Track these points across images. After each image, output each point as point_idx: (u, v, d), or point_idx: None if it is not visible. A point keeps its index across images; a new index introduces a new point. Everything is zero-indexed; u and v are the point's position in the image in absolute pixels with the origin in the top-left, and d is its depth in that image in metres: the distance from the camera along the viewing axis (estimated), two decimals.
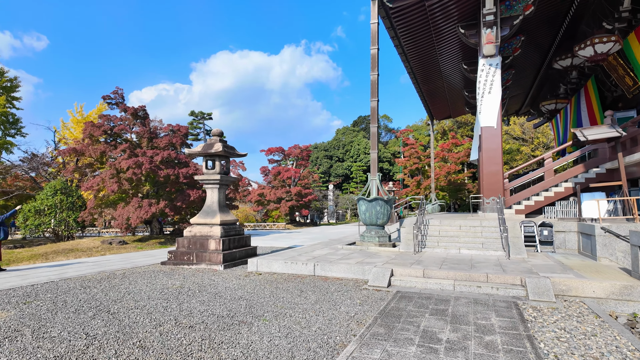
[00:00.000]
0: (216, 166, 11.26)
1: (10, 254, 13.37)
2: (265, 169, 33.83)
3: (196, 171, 18.29)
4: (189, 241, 10.86)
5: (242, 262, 10.84)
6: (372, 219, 12.26)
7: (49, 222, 20.58)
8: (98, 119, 18.79)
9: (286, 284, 8.04)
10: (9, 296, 7.03)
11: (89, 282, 8.41)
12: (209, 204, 11.32)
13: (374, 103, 12.97)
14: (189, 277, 8.96)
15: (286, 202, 29.94)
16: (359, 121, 72.91)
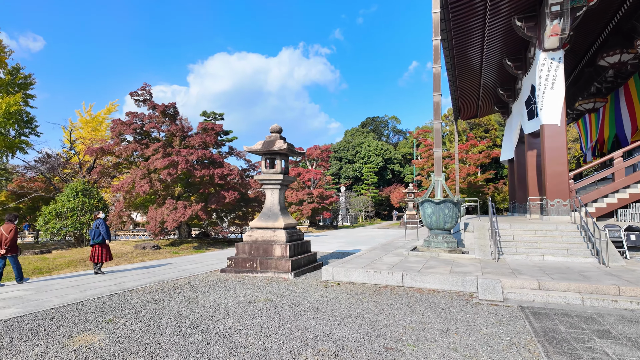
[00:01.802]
0: (277, 165, 10.38)
1: (45, 260, 12.41)
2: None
3: (230, 172, 17.40)
4: (250, 247, 9.95)
5: (308, 270, 9.95)
6: (439, 223, 11.39)
7: (71, 225, 19.58)
8: (126, 116, 17.86)
9: (381, 297, 7.15)
10: (83, 312, 6.11)
11: (157, 294, 7.49)
12: (269, 206, 10.43)
13: (437, 97, 12.13)
14: (264, 287, 8.06)
15: (308, 204, 29.06)
16: (368, 122, 72.12)
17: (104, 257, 9.99)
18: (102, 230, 10.00)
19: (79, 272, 10.59)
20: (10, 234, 8.66)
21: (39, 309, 6.33)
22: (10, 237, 8.64)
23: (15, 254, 8.80)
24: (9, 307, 6.43)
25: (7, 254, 8.59)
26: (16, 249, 8.88)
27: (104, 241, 10.02)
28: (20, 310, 6.22)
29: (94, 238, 9.97)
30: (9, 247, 8.61)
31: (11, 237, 8.65)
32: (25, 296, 7.32)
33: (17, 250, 8.93)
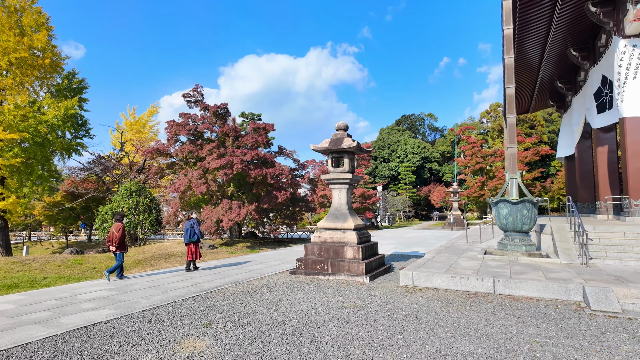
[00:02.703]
0: (345, 164, 10.03)
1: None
2: (325, 169, 32.58)
3: (282, 171, 17.25)
4: (319, 248, 9.67)
5: (379, 274, 9.53)
6: (515, 225, 10.65)
7: (126, 225, 20.13)
8: (179, 117, 18.12)
9: (477, 305, 6.62)
10: (176, 315, 5.98)
11: (238, 296, 7.32)
12: (337, 207, 10.11)
13: (510, 90, 11.38)
14: (343, 291, 7.72)
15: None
16: (402, 120, 70.70)
17: (197, 255, 10.54)
18: (196, 230, 10.49)
19: (148, 272, 10.69)
20: (119, 233, 9.42)
21: (131, 310, 6.28)
22: (118, 235, 9.40)
23: (123, 251, 9.53)
24: (102, 308, 6.43)
25: (116, 250, 9.32)
26: (124, 247, 9.63)
27: (199, 240, 10.54)
28: (115, 312, 6.19)
29: (190, 237, 10.40)
30: (118, 244, 9.36)
31: (119, 236, 9.42)
32: (111, 296, 7.34)
33: (124, 248, 9.68)
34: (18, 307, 6.48)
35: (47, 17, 23.36)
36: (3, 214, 22.18)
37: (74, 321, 5.66)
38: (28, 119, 21.26)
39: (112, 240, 9.38)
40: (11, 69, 21.70)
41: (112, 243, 9.36)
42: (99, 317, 5.86)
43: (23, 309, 6.40)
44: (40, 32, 22.20)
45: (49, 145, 22.99)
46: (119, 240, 9.40)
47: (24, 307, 6.49)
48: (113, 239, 9.39)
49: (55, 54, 23.27)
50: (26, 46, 21.55)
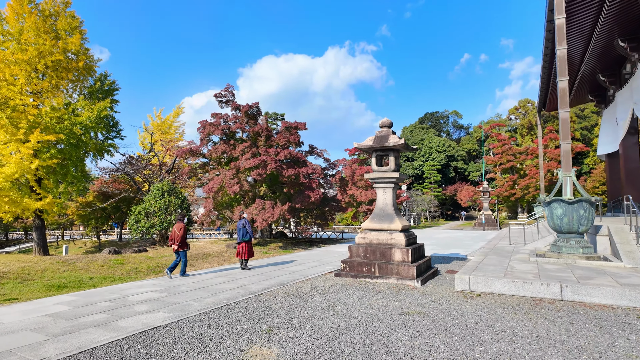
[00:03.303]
0: (390, 162, 9.67)
1: (151, 259, 12.70)
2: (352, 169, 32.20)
3: (314, 171, 16.99)
4: (364, 250, 9.34)
5: (429, 277, 9.12)
6: (571, 226, 10.04)
7: (159, 225, 20.32)
8: (211, 117, 18.11)
9: (548, 313, 6.15)
10: (233, 319, 5.77)
11: (290, 299, 7.07)
12: (382, 207, 9.75)
13: (563, 83, 10.75)
14: (397, 296, 7.37)
15: None
16: (426, 118, 69.48)
17: (248, 254, 10.77)
18: (248, 229, 10.77)
19: (190, 273, 10.58)
20: (181, 232, 9.67)
21: (186, 314, 6.11)
22: (180, 234, 9.65)
23: (185, 249, 9.78)
24: (156, 311, 6.29)
25: (179, 249, 9.63)
26: (185, 245, 9.85)
27: (251, 239, 10.83)
28: (170, 315, 6.03)
29: (243, 236, 10.70)
30: (180, 243, 9.64)
31: (181, 235, 9.66)
32: (162, 298, 7.22)
33: (186, 246, 9.91)
34: (73, 309, 6.42)
35: (80, 21, 23.83)
36: (40, 214, 22.77)
37: (132, 325, 5.53)
38: (63, 120, 21.73)
39: (175, 239, 9.67)
40: (47, 72, 22.22)
41: (175, 242, 9.66)
42: (157, 321, 5.71)
43: (78, 310, 6.33)
44: (74, 35, 22.63)
45: (83, 146, 23.45)
46: (181, 239, 9.68)
47: (78, 309, 6.42)
48: (175, 238, 9.67)
49: (88, 56, 23.70)
50: (61, 49, 22.01)
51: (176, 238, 9.67)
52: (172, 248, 9.68)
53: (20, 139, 20.06)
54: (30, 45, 21.17)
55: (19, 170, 19.77)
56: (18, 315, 6.05)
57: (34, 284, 8.55)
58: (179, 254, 9.74)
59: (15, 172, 19.80)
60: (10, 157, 19.82)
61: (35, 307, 6.53)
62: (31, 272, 9.47)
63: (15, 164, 19.47)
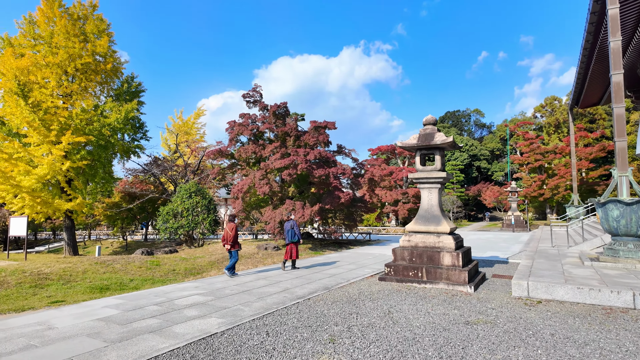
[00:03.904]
0: (437, 161, 9.27)
1: (185, 260, 12.60)
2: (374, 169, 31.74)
3: (344, 171, 16.66)
4: (410, 253, 8.96)
5: (479, 282, 8.68)
6: (629, 229, 9.42)
7: (187, 225, 20.35)
8: (239, 118, 18.00)
9: (627, 324, 5.66)
10: (290, 326, 5.49)
11: (340, 305, 6.77)
12: (427, 208, 9.35)
13: (618, 77, 10.16)
14: (452, 302, 6.98)
15: (403, 204, 27.59)
16: (447, 117, 68.23)
17: (295, 254, 10.93)
18: (296, 231, 10.93)
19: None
20: (233, 232, 9.92)
21: (239, 319, 5.88)
22: (232, 234, 9.89)
23: (237, 249, 10.05)
24: (207, 316, 6.08)
25: (231, 248, 9.90)
26: (237, 245, 10.11)
27: (299, 240, 10.97)
28: (223, 321, 5.81)
29: (291, 237, 10.83)
30: (232, 242, 9.89)
31: (233, 234, 9.91)
32: (209, 302, 7.02)
33: (238, 246, 10.17)
34: (123, 313, 6.27)
35: (107, 24, 24.09)
36: (70, 214, 23.13)
37: (188, 331, 5.32)
38: (93, 122, 21.99)
39: (227, 239, 9.91)
40: (76, 75, 22.52)
41: (227, 242, 9.90)
42: (212, 327, 5.49)
43: (129, 314, 6.18)
44: (102, 38, 22.87)
45: (111, 147, 23.71)
46: (233, 239, 9.91)
47: (128, 313, 6.27)
48: (227, 238, 9.91)
49: (115, 59, 23.95)
50: (89, 52, 22.27)
51: (228, 238, 9.91)
52: (226, 248, 9.93)
53: (52, 140, 20.36)
54: (61, 48, 21.48)
55: (51, 171, 20.07)
56: (70, 319, 5.93)
57: (77, 285, 8.50)
58: (231, 253, 10.01)
59: (47, 174, 20.11)
60: (43, 158, 20.15)
61: (84, 311, 6.41)
62: (72, 273, 9.45)
63: (47, 165, 19.77)
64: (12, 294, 7.68)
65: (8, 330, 5.33)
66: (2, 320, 5.86)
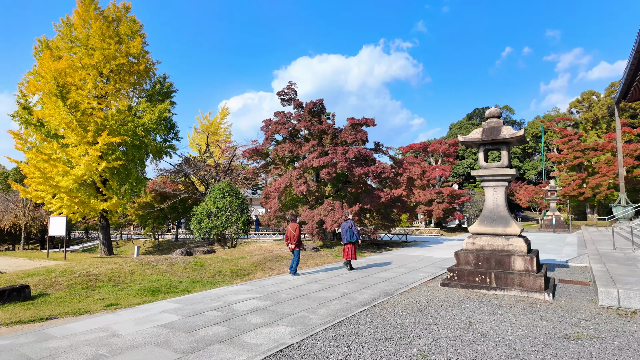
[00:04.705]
0: (503, 157, 8.59)
1: (228, 262, 12.30)
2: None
3: (383, 169, 16.05)
4: (475, 257, 8.31)
5: (553, 288, 7.95)
6: None
7: (221, 225, 20.18)
8: (274, 116, 17.66)
9: None
10: (367, 338, 4.98)
11: (411, 313, 6.21)
12: (492, 208, 8.67)
13: None
14: (534, 312, 6.31)
15: (437, 204, 26.68)
16: (475, 114, 66.29)
17: (353, 255, 10.76)
18: (354, 231, 10.76)
19: (274, 276, 10.01)
20: (296, 232, 9.97)
21: (309, 328, 5.41)
22: (296, 234, 9.94)
23: (299, 248, 10.13)
24: (274, 324, 5.65)
25: (295, 248, 9.96)
26: (301, 244, 10.22)
27: (357, 241, 10.80)
28: (293, 330, 5.36)
29: (349, 237, 10.67)
30: (297, 242, 9.96)
31: (297, 234, 9.96)
32: (269, 307, 6.59)
33: (301, 246, 10.30)
34: (184, 319, 5.91)
35: (140, 25, 24.24)
36: (105, 214, 23.39)
37: (259, 341, 4.89)
38: (127, 122, 22.13)
39: (290, 239, 9.96)
40: (111, 76, 22.70)
41: (291, 241, 9.94)
42: (284, 337, 5.04)
43: (190, 321, 5.81)
44: (135, 39, 22.99)
45: (144, 147, 23.83)
46: (297, 239, 9.94)
47: (190, 319, 5.91)
48: (291, 238, 9.95)
49: (148, 59, 24.07)
50: (123, 53, 22.39)
51: (292, 238, 9.94)
52: (289, 247, 9.98)
53: (88, 141, 20.55)
54: (97, 49, 21.66)
55: (87, 171, 20.26)
56: (131, 325, 5.61)
57: (128, 287, 8.26)
58: (294, 253, 10.03)
59: (84, 174, 20.31)
60: (80, 159, 20.36)
61: (143, 316, 6.10)
62: (120, 274, 9.26)
63: (85, 166, 19.95)
64: (65, 295, 7.50)
65: (72, 337, 5.04)
66: (62, 325, 5.60)
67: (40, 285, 8.02)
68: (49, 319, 6.03)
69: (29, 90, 21.71)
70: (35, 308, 6.73)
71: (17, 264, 13.89)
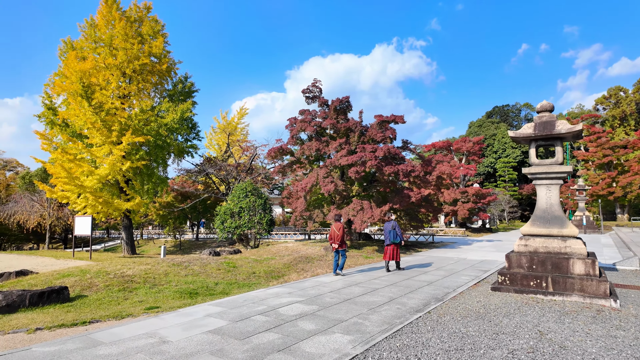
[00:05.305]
0: (558, 153, 8.06)
1: (260, 262, 12.01)
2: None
3: (413, 168, 15.56)
4: (529, 260, 7.80)
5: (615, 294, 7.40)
6: None
7: (244, 225, 19.99)
8: (299, 114, 17.35)
9: None
10: (440, 349, 4.57)
11: (473, 322, 5.78)
12: (545, 208, 8.15)
13: None
14: (605, 320, 5.81)
15: (463, 203, 25.98)
16: (494, 112, 64.96)
17: (397, 256, 10.57)
18: (398, 232, 10.50)
19: (309, 278, 9.68)
20: (340, 232, 9.83)
21: (369, 337, 5.03)
22: (340, 234, 9.81)
23: (344, 248, 10.01)
24: (327, 331, 5.28)
25: (339, 247, 9.84)
26: (345, 244, 10.11)
27: (401, 241, 10.57)
28: (352, 338, 4.99)
29: (393, 238, 10.42)
30: (340, 242, 9.82)
31: (341, 234, 9.83)
32: (317, 312, 6.24)
33: (346, 245, 10.17)
34: (232, 324, 5.60)
35: (162, 25, 24.24)
36: (128, 214, 23.45)
37: (320, 350, 4.54)
38: (150, 122, 22.12)
39: (335, 239, 9.83)
40: (134, 76, 22.71)
41: (335, 241, 9.82)
42: (344, 346, 4.68)
43: (239, 326, 5.50)
44: (157, 39, 22.94)
45: (167, 147, 23.81)
46: (341, 239, 9.83)
47: (237, 324, 5.60)
48: (335, 238, 9.83)
49: (169, 59, 24.03)
50: (146, 53, 22.36)
51: (336, 237, 9.81)
52: (333, 247, 9.90)
53: (113, 141, 20.57)
54: (120, 50, 21.67)
55: (112, 171, 20.27)
56: (178, 330, 5.33)
57: (165, 289, 8.03)
58: (339, 252, 9.94)
59: (109, 174, 20.33)
60: (105, 158, 20.40)
61: (188, 320, 5.82)
62: (155, 275, 9.04)
63: (109, 166, 19.97)
64: (103, 297, 7.29)
65: (121, 344, 4.77)
66: (108, 330, 5.35)
67: (77, 287, 7.85)
68: (91, 322, 5.81)
69: (55, 91, 21.89)
70: (75, 310, 6.53)
71: (44, 264, 13.90)
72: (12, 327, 5.57)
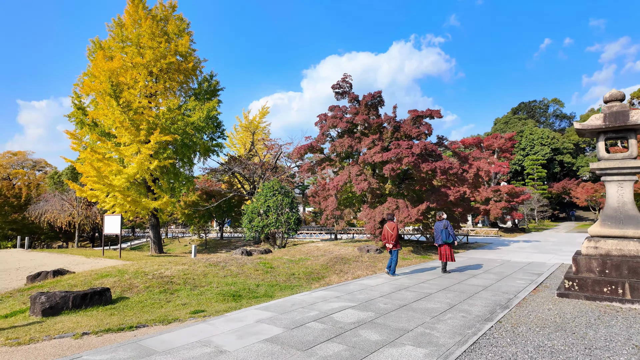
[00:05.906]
0: (632, 146, 7.32)
1: (293, 263, 11.59)
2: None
3: (451, 165, 14.86)
4: (601, 264, 7.10)
5: None
6: None
7: (271, 224, 19.67)
8: (329, 111, 16.86)
9: None
10: None
11: (553, 333, 5.17)
12: (617, 207, 7.42)
13: None
14: None
15: (495, 202, 24.99)
16: (520, 108, 62.93)
17: (451, 257, 10.09)
18: (450, 231, 10.06)
19: (352, 281, 9.19)
20: (394, 231, 9.59)
21: (446, 351, 4.51)
22: (394, 234, 9.56)
23: (398, 248, 9.77)
24: (395, 342, 4.79)
25: (393, 247, 9.60)
26: (399, 244, 9.82)
27: (453, 241, 10.10)
28: (425, 351, 4.48)
29: (445, 238, 10.00)
30: (395, 242, 9.57)
31: (395, 234, 9.57)
32: (374, 320, 5.75)
33: (399, 245, 9.91)
34: (287, 332, 5.17)
35: (187, 23, 24.14)
36: (155, 213, 23.49)
37: None
38: (177, 121, 22.04)
39: (388, 238, 9.63)
40: (160, 75, 22.67)
41: (389, 240, 9.61)
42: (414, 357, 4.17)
43: (296, 335, 5.06)
44: (183, 37, 22.81)
45: (193, 146, 23.73)
46: (395, 238, 9.59)
47: (293, 332, 5.16)
48: (389, 237, 9.61)
49: (195, 57, 23.89)
50: (172, 52, 22.27)
51: (390, 237, 9.59)
52: (387, 247, 9.68)
53: (141, 140, 20.54)
54: (147, 49, 21.62)
55: (140, 170, 20.24)
56: (232, 338, 4.93)
57: (206, 291, 7.70)
58: (392, 252, 9.71)
59: (137, 172, 20.31)
60: (133, 157, 20.41)
61: (240, 326, 5.42)
62: (194, 276, 8.74)
63: (137, 165, 19.94)
64: (145, 300, 7.01)
65: (175, 353, 4.40)
66: (157, 336, 5.00)
67: (117, 288, 7.60)
68: (138, 327, 5.49)
69: (84, 90, 22.04)
70: (119, 314, 6.25)
71: (75, 262, 13.89)
72: (58, 331, 5.30)
